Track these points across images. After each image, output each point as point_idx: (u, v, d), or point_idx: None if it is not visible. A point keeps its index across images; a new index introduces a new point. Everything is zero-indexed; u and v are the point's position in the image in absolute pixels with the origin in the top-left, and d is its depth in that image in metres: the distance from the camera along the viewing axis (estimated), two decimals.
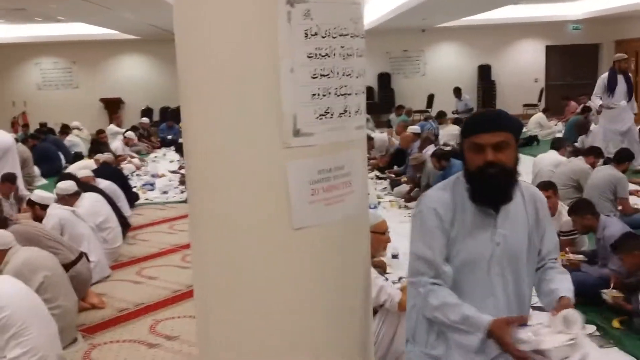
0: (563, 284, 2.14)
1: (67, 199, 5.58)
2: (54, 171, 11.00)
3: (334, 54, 2.06)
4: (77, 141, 13.54)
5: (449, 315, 2.03)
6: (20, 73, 18.19)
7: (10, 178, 7.17)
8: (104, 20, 13.42)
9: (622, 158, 6.54)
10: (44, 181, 10.25)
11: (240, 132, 2.01)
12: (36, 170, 10.31)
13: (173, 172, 10.35)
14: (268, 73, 1.97)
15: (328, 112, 2.05)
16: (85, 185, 6.26)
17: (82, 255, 4.79)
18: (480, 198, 2.08)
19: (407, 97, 17.93)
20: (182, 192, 9.12)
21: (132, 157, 11.84)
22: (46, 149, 11.42)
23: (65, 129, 13.63)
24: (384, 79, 18.57)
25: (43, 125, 15.06)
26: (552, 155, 7.55)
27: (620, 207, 6.12)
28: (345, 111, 2.11)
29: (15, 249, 4.06)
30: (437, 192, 2.20)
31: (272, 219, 2.02)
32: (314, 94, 2.02)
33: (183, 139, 2.28)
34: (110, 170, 8.19)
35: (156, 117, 17.60)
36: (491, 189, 2.05)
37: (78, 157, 12.96)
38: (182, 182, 9.28)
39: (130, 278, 5.55)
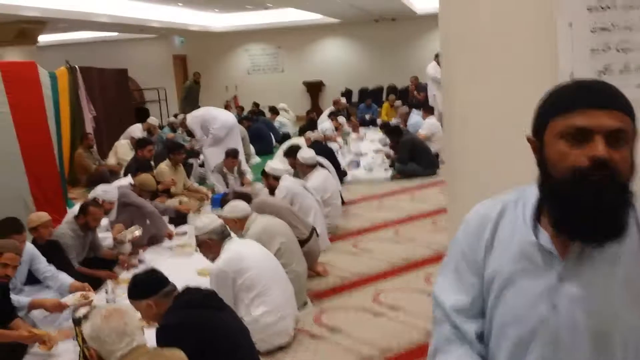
0: None
1: (304, 169, 5.91)
2: (265, 150, 11.80)
3: (615, 6, 1.90)
4: (284, 122, 14.38)
5: None
6: (231, 59, 19.68)
7: (233, 153, 7.78)
8: (312, 4, 13.97)
9: None
10: (257, 159, 10.98)
11: (512, 91, 1.94)
12: (252, 148, 11.07)
13: (377, 150, 10.50)
14: (543, 28, 1.87)
15: (607, 69, 1.90)
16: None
17: (313, 231, 5.02)
18: (571, 225, 1.20)
19: None
20: (385, 170, 9.29)
21: (337, 137, 12.21)
22: (259, 129, 12.24)
23: (274, 111, 14.48)
24: None
25: (257, 105, 16.16)
26: None
27: None
28: (626, 68, 1.94)
29: (254, 216, 4.38)
30: (489, 203, 1.43)
31: None
32: (592, 49, 1.88)
33: (444, 104, 2.26)
34: (321, 148, 8.54)
35: (355, 98, 18.00)
36: (597, 209, 1.15)
37: (286, 137, 13.78)
38: (390, 158, 9.42)
39: (348, 250, 5.74)
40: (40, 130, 6.61)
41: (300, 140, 9.30)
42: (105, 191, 5.72)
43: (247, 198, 4.89)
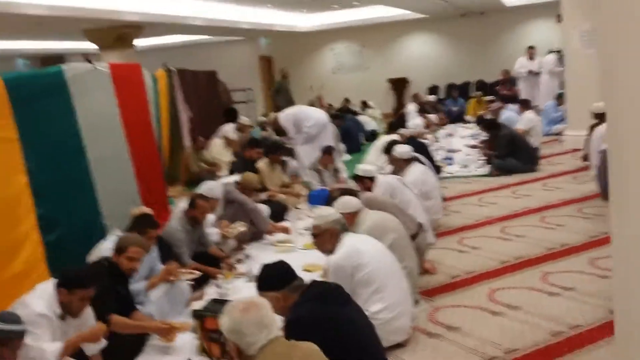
0: None
1: (401, 163, 5.83)
2: (354, 148, 11.76)
3: None
4: (370, 120, 14.29)
5: None
6: (316, 59, 19.78)
7: (329, 150, 7.77)
8: (400, 0, 13.85)
9: None
10: (348, 157, 10.95)
11: None
12: (341, 146, 11.06)
13: (472, 146, 10.23)
14: None
15: None
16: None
17: (420, 227, 4.92)
18: None
19: None
20: (480, 166, 9.05)
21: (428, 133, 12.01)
22: (348, 128, 12.21)
23: (367, 105, 14.52)
24: None
25: (347, 101, 16.20)
26: None
27: None
28: None
29: (365, 212, 4.32)
30: None
31: None
32: None
33: (605, 100, 2.10)
34: (416, 144, 8.40)
35: (441, 94, 17.69)
36: None
37: (374, 134, 13.70)
38: (485, 156, 9.13)
39: (454, 247, 5.59)
40: (146, 132, 6.79)
41: (393, 137, 9.20)
42: (211, 188, 5.84)
43: (354, 193, 4.84)
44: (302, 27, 17.88)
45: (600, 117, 7.91)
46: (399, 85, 18.52)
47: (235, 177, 6.65)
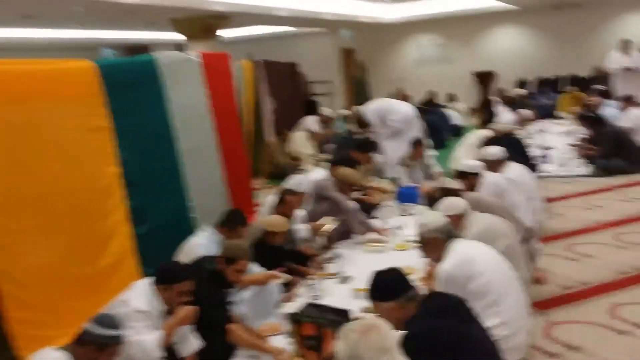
0: None
1: (493, 165, 5.41)
2: (439, 143, 11.29)
3: None
4: (456, 114, 13.77)
5: None
6: (399, 51, 19.30)
7: (419, 143, 7.39)
8: None
9: None
10: (435, 152, 10.52)
11: None
12: (429, 141, 10.63)
13: (573, 145, 9.53)
14: None
15: None
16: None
17: (530, 232, 4.52)
18: None
19: None
20: (579, 165, 8.43)
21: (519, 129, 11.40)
22: (434, 122, 11.76)
23: (453, 98, 14.03)
24: None
25: (432, 94, 15.73)
26: None
27: None
28: None
29: (474, 215, 3.96)
30: None
31: None
32: None
33: None
34: (511, 141, 7.90)
35: (532, 88, 16.87)
36: None
37: (457, 129, 13.20)
38: (586, 155, 8.48)
39: (562, 254, 5.14)
40: (233, 123, 6.67)
41: (485, 133, 8.72)
42: (298, 182, 5.61)
43: (457, 193, 4.47)
44: (385, 19, 17.46)
45: None
46: (484, 79, 17.81)
47: (323, 172, 6.39)
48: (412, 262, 4.46)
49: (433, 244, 3.44)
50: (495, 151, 5.51)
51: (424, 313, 2.55)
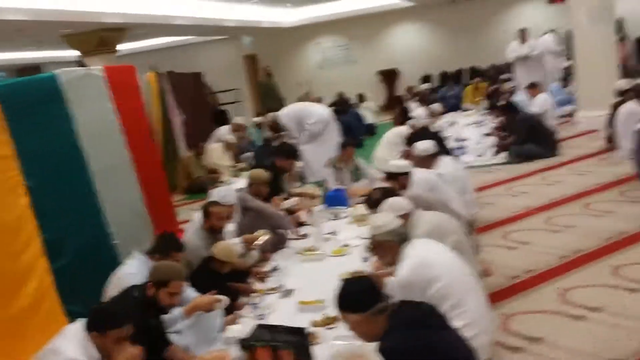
0: None
1: (425, 161, 5.32)
2: (357, 143, 11.23)
3: None
4: (367, 113, 13.81)
5: None
6: (302, 55, 19.24)
7: (349, 144, 7.20)
8: None
9: None
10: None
11: None
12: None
13: (488, 134, 9.70)
14: None
15: None
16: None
17: (470, 225, 4.44)
18: None
19: None
20: (496, 153, 8.58)
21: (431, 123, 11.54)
22: (349, 122, 11.71)
23: (362, 99, 14.09)
24: None
25: (341, 96, 15.72)
26: None
27: None
28: None
29: (418, 213, 3.81)
30: None
31: None
32: None
33: None
34: (429, 135, 7.91)
35: (436, 82, 17.25)
36: None
37: (370, 128, 13.25)
38: (501, 145, 8.63)
39: (499, 243, 5.12)
40: (145, 138, 6.27)
41: (403, 130, 8.71)
42: (223, 194, 5.29)
43: (394, 193, 4.32)
44: (287, 23, 17.35)
45: (624, 95, 7.51)
46: (389, 77, 18.06)
47: (244, 182, 6.11)
48: (353, 266, 4.32)
49: (386, 247, 3.26)
50: (427, 146, 5.42)
51: (397, 325, 2.34)
